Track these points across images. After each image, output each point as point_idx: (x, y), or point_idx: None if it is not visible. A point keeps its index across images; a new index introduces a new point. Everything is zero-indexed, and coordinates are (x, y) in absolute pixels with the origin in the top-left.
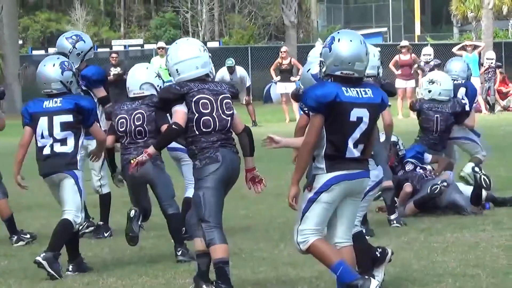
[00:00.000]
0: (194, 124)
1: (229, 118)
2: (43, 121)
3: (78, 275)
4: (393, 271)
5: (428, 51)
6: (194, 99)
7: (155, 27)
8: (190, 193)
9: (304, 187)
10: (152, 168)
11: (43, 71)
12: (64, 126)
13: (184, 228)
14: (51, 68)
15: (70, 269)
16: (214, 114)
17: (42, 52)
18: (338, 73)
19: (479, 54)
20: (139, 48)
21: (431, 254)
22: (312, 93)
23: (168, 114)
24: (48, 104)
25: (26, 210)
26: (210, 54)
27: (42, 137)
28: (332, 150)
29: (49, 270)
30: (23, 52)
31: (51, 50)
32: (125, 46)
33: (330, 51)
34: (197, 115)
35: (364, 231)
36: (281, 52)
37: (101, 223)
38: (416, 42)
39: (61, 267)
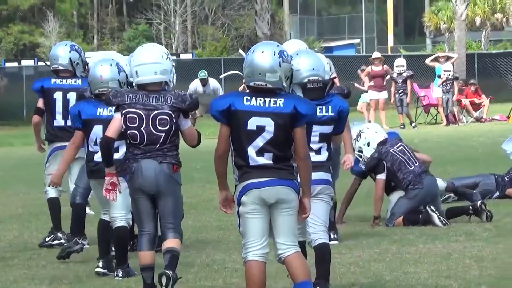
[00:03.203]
0: (126, 135)
1: (163, 134)
2: (98, 129)
3: (50, 286)
4: (365, 282)
5: (401, 62)
6: (123, 112)
7: (128, 39)
8: None
9: None
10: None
11: (100, 71)
12: (120, 136)
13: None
14: (107, 68)
15: (120, 274)
16: (142, 128)
17: (15, 64)
18: (251, 84)
19: (452, 65)
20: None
21: (403, 265)
22: (213, 103)
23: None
24: (103, 112)
25: None
26: (174, 64)
27: (96, 143)
28: (238, 159)
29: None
30: None
31: (24, 62)
32: None
33: (246, 63)
34: (125, 127)
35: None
36: None
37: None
38: (389, 53)
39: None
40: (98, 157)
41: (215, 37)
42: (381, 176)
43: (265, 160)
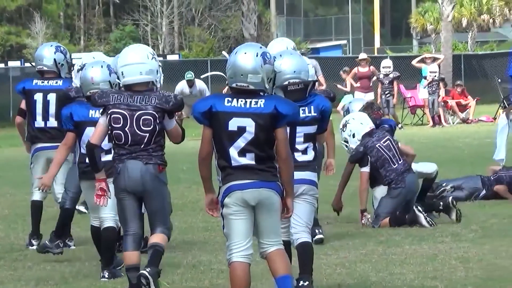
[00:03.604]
0: (111, 135)
1: (147, 134)
2: (90, 131)
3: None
4: (351, 283)
5: (387, 63)
6: (108, 112)
7: (115, 40)
8: None
9: None
10: None
11: (91, 73)
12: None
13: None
14: (98, 70)
15: (106, 275)
16: (126, 129)
17: (2, 65)
18: (233, 85)
19: (439, 66)
20: None
21: (389, 266)
22: (195, 106)
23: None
24: (95, 114)
25: None
26: (160, 63)
27: None
28: (221, 160)
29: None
30: None
31: (11, 63)
32: None
33: (228, 64)
34: (110, 127)
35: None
36: None
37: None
38: (376, 54)
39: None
40: None
41: (201, 38)
42: (365, 169)
43: (248, 160)
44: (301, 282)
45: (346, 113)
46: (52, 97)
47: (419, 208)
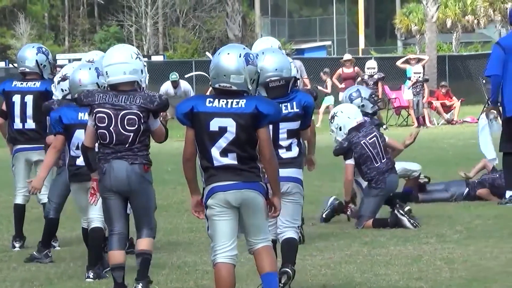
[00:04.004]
0: (97, 134)
1: (131, 134)
2: (79, 134)
3: None
4: (336, 284)
5: (371, 64)
6: (94, 111)
7: (99, 41)
8: None
9: None
10: None
11: (79, 75)
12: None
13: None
14: (86, 73)
15: (91, 276)
16: (111, 128)
17: None
18: (216, 85)
19: (423, 67)
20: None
21: (374, 267)
22: (178, 107)
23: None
24: (84, 116)
25: None
26: (145, 63)
27: (78, 148)
28: (204, 161)
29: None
30: None
31: None
32: (69, 60)
33: (212, 65)
34: (95, 126)
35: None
36: None
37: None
38: (360, 55)
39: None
40: (80, 161)
41: (186, 39)
42: (350, 161)
43: (230, 160)
44: (282, 269)
45: (332, 119)
46: (29, 98)
47: (401, 211)
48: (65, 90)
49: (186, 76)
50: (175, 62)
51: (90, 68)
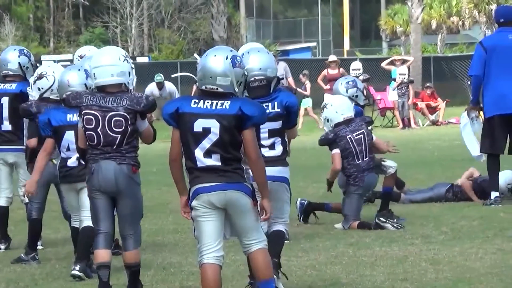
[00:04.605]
0: (85, 136)
1: (119, 135)
2: (69, 135)
3: None
4: (322, 285)
5: (357, 65)
6: (82, 113)
7: (84, 42)
8: None
9: None
10: None
11: (68, 76)
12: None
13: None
14: (75, 74)
15: (77, 268)
16: (98, 130)
17: None
18: (203, 87)
19: (408, 68)
20: (68, 63)
21: (359, 268)
22: (164, 108)
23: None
24: (73, 117)
25: None
26: (133, 65)
27: (68, 149)
28: (188, 162)
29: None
30: None
31: None
32: (54, 62)
33: (199, 66)
34: (84, 128)
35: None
36: None
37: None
38: (345, 57)
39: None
40: (71, 162)
41: (171, 40)
42: (336, 151)
43: (213, 161)
44: None
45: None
46: (5, 100)
47: (382, 219)
48: (42, 89)
49: (172, 76)
50: (160, 64)
51: (79, 70)
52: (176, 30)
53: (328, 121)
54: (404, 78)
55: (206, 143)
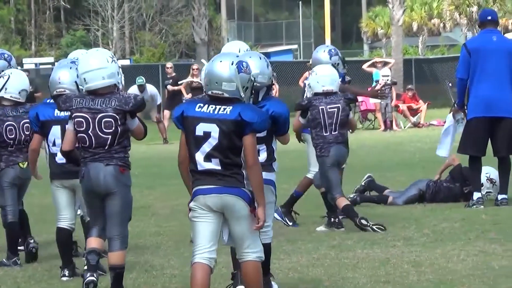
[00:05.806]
0: (77, 139)
1: (109, 136)
2: (56, 130)
3: None
4: (303, 287)
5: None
6: (72, 116)
7: (66, 45)
8: None
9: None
10: None
11: (59, 74)
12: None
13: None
14: (66, 72)
15: (67, 273)
16: (89, 132)
17: None
18: (209, 92)
19: (390, 70)
20: (50, 66)
21: (341, 270)
22: (174, 111)
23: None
24: (60, 112)
25: None
26: (119, 65)
27: (54, 144)
28: (191, 164)
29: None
30: None
31: None
32: (36, 64)
33: (205, 72)
34: (75, 131)
35: None
36: (193, 69)
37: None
38: None
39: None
40: (59, 158)
41: (152, 43)
42: (301, 119)
43: (213, 165)
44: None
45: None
46: None
47: (363, 222)
48: None
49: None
50: (142, 66)
51: (70, 68)
52: (157, 33)
53: (309, 87)
54: (388, 80)
55: (206, 147)
